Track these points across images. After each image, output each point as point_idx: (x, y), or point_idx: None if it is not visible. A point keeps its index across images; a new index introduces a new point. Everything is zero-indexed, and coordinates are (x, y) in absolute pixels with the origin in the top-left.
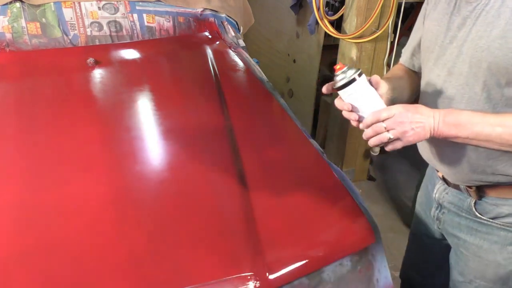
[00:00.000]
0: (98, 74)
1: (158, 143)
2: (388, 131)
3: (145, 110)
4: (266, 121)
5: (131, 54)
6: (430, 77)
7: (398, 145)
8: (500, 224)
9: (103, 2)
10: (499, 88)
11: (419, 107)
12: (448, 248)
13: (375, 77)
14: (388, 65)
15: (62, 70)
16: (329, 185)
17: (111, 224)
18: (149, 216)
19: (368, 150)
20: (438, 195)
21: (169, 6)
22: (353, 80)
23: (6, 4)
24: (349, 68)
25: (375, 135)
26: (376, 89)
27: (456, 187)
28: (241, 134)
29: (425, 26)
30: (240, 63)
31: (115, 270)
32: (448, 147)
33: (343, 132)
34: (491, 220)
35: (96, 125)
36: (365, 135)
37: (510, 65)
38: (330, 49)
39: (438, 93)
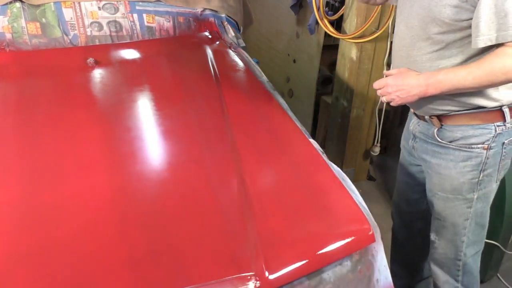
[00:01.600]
0: (98, 74)
1: (158, 143)
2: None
3: (145, 110)
4: (266, 121)
5: (131, 54)
6: (396, 30)
7: (394, 104)
8: (454, 146)
9: (103, 2)
10: (440, 35)
11: (407, 76)
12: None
13: None
14: (388, 65)
15: (62, 70)
16: (329, 185)
17: (111, 224)
18: (149, 216)
19: (368, 150)
20: (412, 128)
21: (169, 6)
22: None
23: (6, 4)
24: None
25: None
26: None
27: (423, 118)
28: (241, 134)
29: None
30: (240, 63)
31: (115, 270)
32: None
33: (343, 132)
34: (448, 143)
35: (96, 125)
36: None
37: (445, 18)
38: (330, 49)
39: (399, 42)
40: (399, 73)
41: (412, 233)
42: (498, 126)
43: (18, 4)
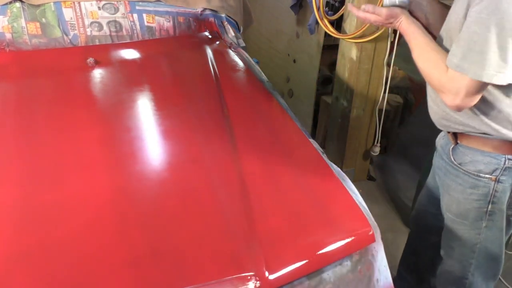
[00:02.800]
0: (98, 74)
1: (158, 143)
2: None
3: (145, 110)
4: (266, 121)
5: (131, 54)
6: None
7: (370, 22)
8: (463, 170)
9: (103, 2)
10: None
11: (399, 13)
12: None
13: None
14: (388, 65)
15: (62, 70)
16: (329, 185)
17: (111, 224)
18: (149, 216)
19: (368, 150)
20: (437, 140)
21: (169, 6)
22: None
23: (6, 4)
24: None
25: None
26: None
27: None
28: (241, 134)
29: None
30: (240, 63)
31: (115, 270)
32: (430, 97)
33: (343, 132)
34: (458, 165)
35: (96, 125)
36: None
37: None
38: (330, 49)
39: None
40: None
41: (425, 245)
42: (509, 159)
43: (18, 4)
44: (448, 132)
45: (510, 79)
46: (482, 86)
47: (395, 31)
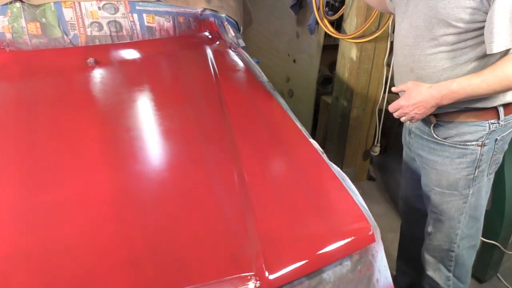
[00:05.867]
0: (98, 74)
1: (158, 143)
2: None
3: (145, 110)
4: (266, 121)
5: (131, 54)
6: (398, 28)
7: (415, 121)
8: (449, 143)
9: (103, 2)
10: (446, 37)
11: (418, 92)
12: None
13: None
14: (388, 65)
15: (62, 70)
16: (329, 185)
17: (111, 224)
18: (149, 216)
19: (368, 150)
20: (408, 123)
21: (169, 6)
22: None
23: (6, 4)
24: None
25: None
26: None
27: None
28: (241, 134)
29: None
30: (240, 63)
31: (115, 270)
32: (410, 79)
33: (343, 132)
34: (443, 140)
35: (96, 125)
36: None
37: (450, 19)
38: (330, 49)
39: (402, 41)
40: (408, 90)
41: (417, 229)
42: (492, 123)
43: (18, 4)
44: None
45: None
46: None
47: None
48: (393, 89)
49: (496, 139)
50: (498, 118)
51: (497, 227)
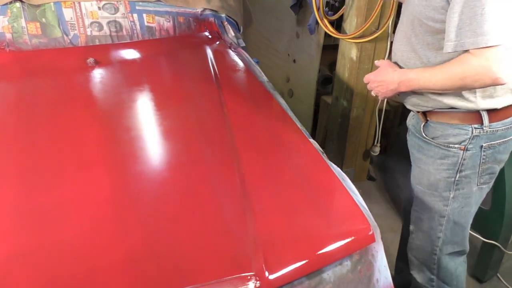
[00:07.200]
0: (98, 74)
1: (158, 143)
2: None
3: (145, 110)
4: (266, 121)
5: (131, 54)
6: (398, 24)
7: (380, 97)
8: (435, 143)
9: (103, 2)
10: (423, 35)
11: (385, 72)
12: None
13: None
14: None
15: (62, 70)
16: (329, 185)
17: (111, 224)
18: (149, 216)
19: (368, 150)
20: (408, 121)
21: (169, 6)
22: None
23: (6, 4)
24: None
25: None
26: None
27: (416, 112)
28: (241, 134)
29: None
30: (240, 63)
31: (115, 270)
32: None
33: (343, 132)
34: (431, 139)
35: (96, 125)
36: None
37: (426, 20)
38: (330, 49)
39: (396, 36)
40: (381, 67)
41: None
42: (475, 128)
43: (18, 4)
44: (418, 112)
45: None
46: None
47: (394, 31)
48: (375, 62)
49: (482, 146)
50: (482, 124)
51: (497, 227)
